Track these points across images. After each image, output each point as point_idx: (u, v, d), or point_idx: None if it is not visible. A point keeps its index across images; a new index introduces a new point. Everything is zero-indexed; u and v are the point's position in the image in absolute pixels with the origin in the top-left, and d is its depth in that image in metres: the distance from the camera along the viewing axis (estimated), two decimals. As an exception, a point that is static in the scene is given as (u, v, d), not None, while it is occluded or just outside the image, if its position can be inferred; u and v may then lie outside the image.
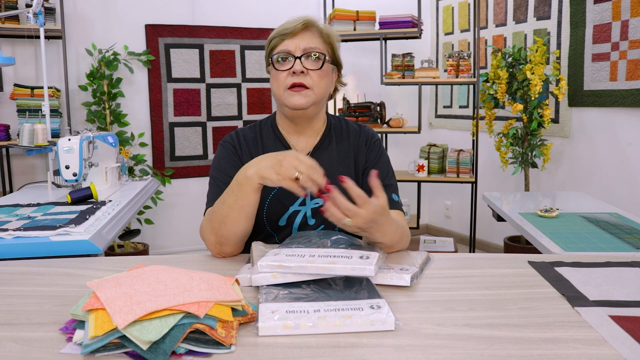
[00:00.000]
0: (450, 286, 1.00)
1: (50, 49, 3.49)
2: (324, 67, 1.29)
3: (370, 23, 3.70)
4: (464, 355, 0.72)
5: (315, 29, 1.30)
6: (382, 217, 1.03)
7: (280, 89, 1.28)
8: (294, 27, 1.27)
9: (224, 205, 1.15)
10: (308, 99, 1.28)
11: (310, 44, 1.27)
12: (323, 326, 0.78)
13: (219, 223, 1.16)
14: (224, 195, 1.17)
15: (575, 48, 3.25)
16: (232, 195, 1.14)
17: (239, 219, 1.14)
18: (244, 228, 1.16)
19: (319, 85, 1.29)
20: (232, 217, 1.14)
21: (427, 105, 4.62)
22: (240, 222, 1.15)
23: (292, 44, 1.27)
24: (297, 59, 1.26)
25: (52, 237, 1.64)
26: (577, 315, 0.85)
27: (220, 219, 1.16)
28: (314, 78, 1.27)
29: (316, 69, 1.27)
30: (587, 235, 1.71)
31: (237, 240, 1.18)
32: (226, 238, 1.17)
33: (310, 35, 1.29)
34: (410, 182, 3.81)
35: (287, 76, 1.27)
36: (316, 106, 1.32)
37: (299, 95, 1.27)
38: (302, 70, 1.26)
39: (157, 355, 0.68)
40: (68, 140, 2.12)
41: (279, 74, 1.28)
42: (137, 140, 3.80)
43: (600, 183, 3.17)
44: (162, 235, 3.99)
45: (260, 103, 4.18)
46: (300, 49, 1.26)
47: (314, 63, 1.28)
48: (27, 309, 0.88)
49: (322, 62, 1.28)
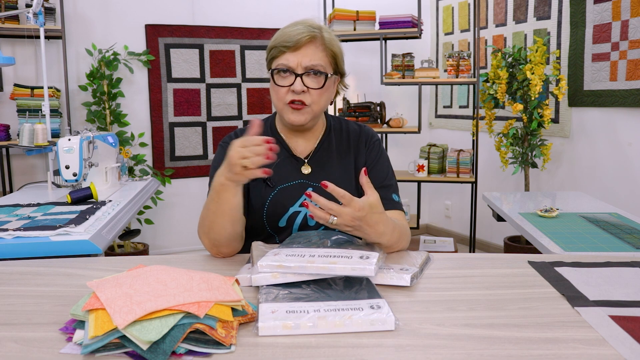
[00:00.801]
0: (450, 286, 1.00)
1: (50, 49, 3.49)
2: (326, 84, 1.25)
3: (370, 23, 3.70)
4: (464, 355, 0.72)
5: (319, 41, 1.24)
6: (371, 215, 1.02)
7: (280, 103, 1.26)
8: (298, 40, 1.21)
9: (209, 212, 1.15)
10: (306, 115, 1.26)
11: (312, 60, 1.22)
12: (323, 326, 0.78)
13: (208, 228, 1.16)
14: (207, 203, 1.16)
15: (575, 48, 3.25)
16: (213, 202, 1.14)
17: (225, 224, 1.14)
18: (233, 231, 1.16)
19: (318, 103, 1.26)
20: (218, 222, 1.14)
21: (427, 105, 4.62)
22: (226, 227, 1.15)
23: (294, 59, 1.22)
24: (298, 77, 1.22)
25: (52, 237, 1.64)
26: (577, 315, 0.85)
27: (208, 224, 1.16)
28: (313, 96, 1.24)
29: (317, 87, 1.24)
30: (587, 235, 1.71)
31: (230, 242, 1.18)
32: (218, 241, 1.17)
33: (313, 49, 1.23)
34: (410, 182, 3.81)
35: (287, 92, 1.24)
36: (314, 120, 1.32)
37: (297, 112, 1.25)
38: (303, 89, 1.22)
39: (157, 355, 0.68)
40: (68, 140, 2.12)
41: (279, 88, 1.25)
42: (137, 140, 3.80)
43: (600, 183, 3.17)
44: (162, 235, 3.99)
45: (260, 103, 4.17)
46: (302, 66, 1.22)
47: (315, 80, 1.23)
48: (27, 309, 0.88)
49: (324, 80, 1.24)
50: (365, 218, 1.02)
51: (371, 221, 1.03)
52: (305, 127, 1.32)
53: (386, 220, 1.08)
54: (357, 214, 1.00)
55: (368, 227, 1.04)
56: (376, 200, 1.04)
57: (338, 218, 1.00)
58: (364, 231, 1.04)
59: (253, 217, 1.32)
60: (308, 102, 1.24)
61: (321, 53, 1.24)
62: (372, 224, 1.04)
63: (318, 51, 1.23)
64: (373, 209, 1.03)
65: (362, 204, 1.01)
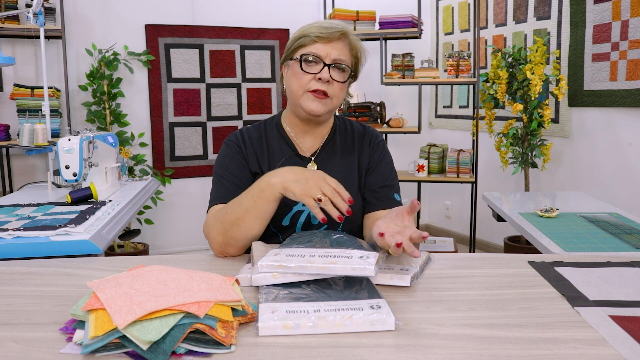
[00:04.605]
0: (450, 286, 0.99)
1: (50, 49, 3.49)
2: (347, 80, 1.30)
3: (370, 23, 3.70)
4: (464, 355, 0.72)
5: (347, 41, 1.29)
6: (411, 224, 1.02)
7: (301, 89, 1.28)
8: (331, 33, 1.26)
9: (240, 207, 1.15)
10: (326, 107, 1.29)
11: (341, 55, 1.27)
12: (323, 326, 0.77)
13: (231, 224, 1.16)
14: (242, 198, 1.16)
15: (575, 48, 3.25)
16: (250, 199, 1.14)
17: (254, 224, 1.14)
18: (256, 233, 1.17)
19: (338, 97, 1.30)
20: (247, 220, 1.14)
21: (427, 105, 4.62)
22: (254, 227, 1.15)
23: (324, 49, 1.26)
24: (327, 67, 1.26)
25: (52, 237, 1.64)
26: (577, 315, 0.85)
27: (234, 220, 1.15)
28: (335, 89, 1.28)
29: (342, 81, 1.28)
30: (587, 235, 1.71)
31: (245, 243, 1.18)
32: (235, 240, 1.17)
33: (342, 45, 1.28)
34: (410, 182, 3.81)
35: (311, 79, 1.26)
36: (330, 114, 1.33)
37: (319, 102, 1.27)
38: (329, 79, 1.26)
39: (157, 355, 0.68)
40: (68, 140, 2.12)
41: (303, 74, 1.27)
42: (137, 140, 3.80)
43: (600, 183, 3.17)
44: (162, 235, 3.99)
45: (260, 103, 4.17)
46: (332, 57, 1.26)
47: (340, 75, 1.28)
48: (27, 309, 0.88)
49: (348, 75, 1.29)
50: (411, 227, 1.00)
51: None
52: (319, 120, 1.33)
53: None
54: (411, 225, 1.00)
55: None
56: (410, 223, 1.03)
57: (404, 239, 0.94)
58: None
59: None
60: (330, 93, 1.27)
61: (348, 52, 1.29)
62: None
63: (346, 49, 1.29)
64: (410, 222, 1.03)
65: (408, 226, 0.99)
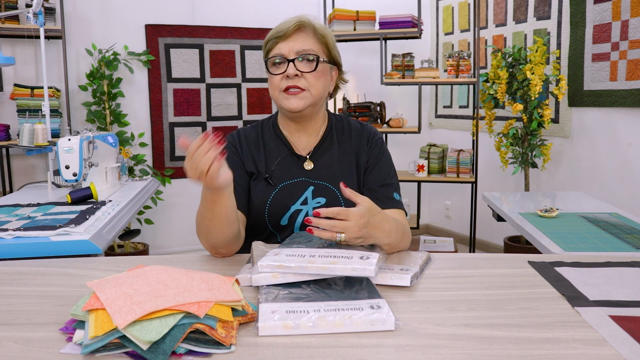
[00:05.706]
0: (450, 286, 1.00)
1: (50, 49, 3.49)
2: (319, 68, 1.28)
3: (370, 23, 3.70)
4: (464, 355, 0.72)
5: (309, 29, 1.29)
6: (373, 217, 1.03)
7: (275, 91, 1.29)
8: (287, 29, 1.27)
9: (203, 219, 1.15)
10: (304, 100, 1.28)
11: (303, 45, 1.27)
12: (323, 326, 0.77)
13: (205, 233, 1.16)
14: (200, 209, 1.15)
15: (575, 48, 3.25)
16: (205, 209, 1.12)
17: (221, 227, 1.14)
18: (230, 232, 1.16)
19: (315, 86, 1.28)
20: (214, 227, 1.14)
21: (427, 105, 4.62)
22: (223, 229, 1.14)
23: (286, 46, 1.27)
24: (291, 62, 1.26)
25: (52, 237, 1.64)
26: (577, 315, 0.85)
27: (205, 229, 1.15)
28: (309, 80, 1.27)
29: (310, 70, 1.27)
30: (587, 235, 1.71)
31: (229, 243, 1.18)
32: (217, 243, 1.17)
33: (303, 36, 1.28)
34: (410, 182, 3.81)
35: (281, 79, 1.28)
36: (313, 107, 1.32)
37: (294, 98, 1.27)
38: (296, 73, 1.26)
39: (157, 355, 0.68)
40: (68, 140, 2.12)
41: (273, 77, 1.29)
42: (137, 140, 3.80)
43: (600, 183, 3.17)
44: (162, 235, 3.99)
45: (260, 103, 4.17)
46: (294, 51, 1.26)
47: (308, 65, 1.27)
48: (27, 309, 0.88)
49: (315, 63, 1.28)
50: (369, 222, 1.01)
51: (375, 223, 1.03)
52: (304, 114, 1.32)
53: (387, 217, 1.09)
54: (360, 222, 1.00)
55: (375, 230, 1.03)
56: (370, 202, 1.04)
57: (345, 234, 0.99)
58: (373, 235, 1.03)
59: (254, 216, 1.32)
60: (304, 86, 1.27)
61: (312, 40, 1.29)
62: (377, 225, 1.04)
63: (308, 38, 1.29)
64: (371, 211, 1.03)
65: (360, 211, 1.00)
